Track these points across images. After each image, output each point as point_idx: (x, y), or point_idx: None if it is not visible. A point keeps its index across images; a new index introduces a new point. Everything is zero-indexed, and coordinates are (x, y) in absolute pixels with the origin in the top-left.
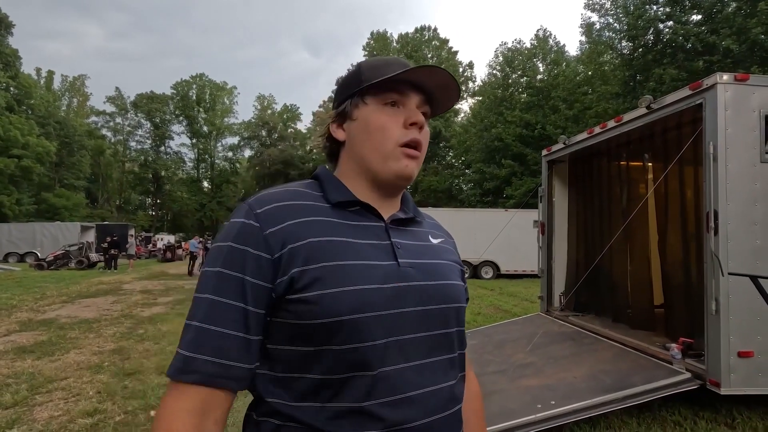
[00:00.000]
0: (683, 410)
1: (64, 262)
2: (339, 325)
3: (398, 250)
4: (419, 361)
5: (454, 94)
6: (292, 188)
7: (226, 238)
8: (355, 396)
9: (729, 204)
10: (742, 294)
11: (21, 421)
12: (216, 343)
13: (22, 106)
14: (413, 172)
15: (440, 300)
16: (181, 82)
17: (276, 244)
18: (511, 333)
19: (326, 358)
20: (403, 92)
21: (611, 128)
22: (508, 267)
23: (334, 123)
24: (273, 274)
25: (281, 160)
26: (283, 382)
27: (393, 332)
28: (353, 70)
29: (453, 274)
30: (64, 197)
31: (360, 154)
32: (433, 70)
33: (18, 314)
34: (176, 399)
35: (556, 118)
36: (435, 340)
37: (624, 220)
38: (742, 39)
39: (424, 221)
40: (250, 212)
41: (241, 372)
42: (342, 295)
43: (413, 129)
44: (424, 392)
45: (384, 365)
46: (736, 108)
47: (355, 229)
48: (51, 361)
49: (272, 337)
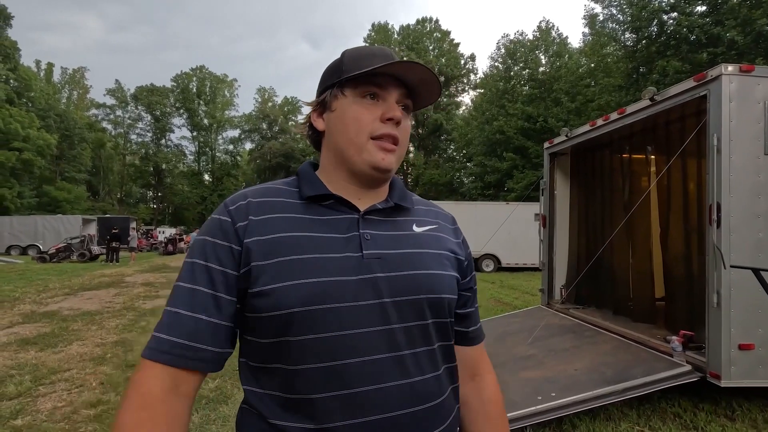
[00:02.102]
0: (683, 402)
1: (66, 255)
2: (291, 317)
3: (366, 241)
4: (382, 354)
5: (435, 90)
6: (269, 186)
7: (203, 233)
8: (307, 388)
9: (732, 196)
10: (743, 287)
11: (25, 412)
12: (187, 326)
13: (22, 98)
14: (391, 164)
15: (412, 291)
16: (181, 74)
17: (243, 236)
18: (512, 326)
19: (284, 349)
20: (383, 86)
21: (614, 120)
22: (509, 260)
23: (314, 112)
24: (238, 263)
25: (282, 153)
26: (254, 371)
27: (350, 325)
28: (337, 59)
29: (435, 263)
30: (65, 190)
31: (337, 145)
32: (413, 66)
33: (21, 306)
34: (147, 374)
35: (558, 111)
36: (405, 333)
37: (626, 213)
38: (747, 30)
39: (413, 208)
40: (224, 209)
41: (209, 354)
42: (294, 288)
43: (389, 124)
44: (385, 386)
45: (336, 358)
46: (740, 99)
47: (322, 223)
48: (54, 352)
49: (244, 329)
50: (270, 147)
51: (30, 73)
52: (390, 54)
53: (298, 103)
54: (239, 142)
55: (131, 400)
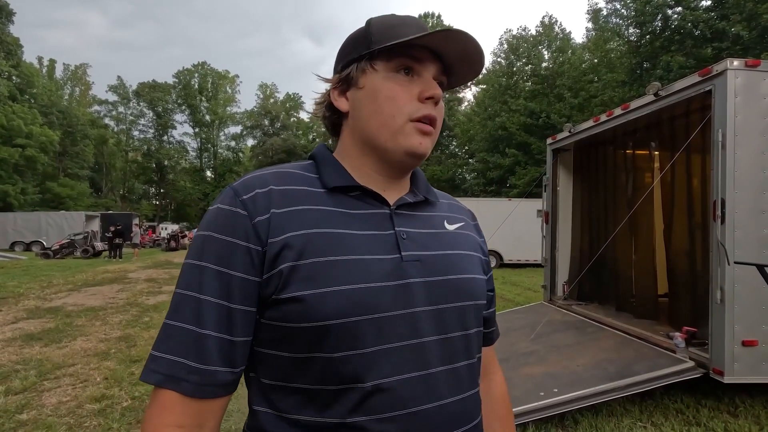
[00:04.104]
0: (686, 398)
1: (70, 251)
2: (326, 330)
3: (403, 240)
4: (427, 370)
5: (476, 65)
6: (283, 170)
7: (210, 227)
8: (344, 411)
9: (737, 192)
10: (747, 283)
11: (30, 406)
12: (203, 346)
13: (25, 95)
14: (427, 149)
15: (455, 298)
16: (183, 70)
17: (265, 234)
18: (514, 322)
19: (315, 366)
20: (420, 59)
21: (618, 116)
22: (511, 256)
23: (335, 90)
24: (261, 268)
25: (284, 150)
26: (270, 390)
27: (392, 338)
28: (362, 28)
29: (472, 266)
30: (68, 186)
31: (365, 128)
32: (456, 35)
33: (25, 302)
34: (163, 412)
35: (561, 107)
36: (449, 345)
37: (629, 209)
38: (753, 25)
39: (438, 202)
40: (234, 198)
41: (229, 377)
42: (330, 296)
43: (428, 103)
44: (432, 407)
45: (379, 377)
46: (746, 94)
47: (354, 218)
48: (58, 348)
49: (259, 340)
50: (272, 143)
51: (32, 69)
52: (423, 24)
53: (300, 100)
54: (241, 138)
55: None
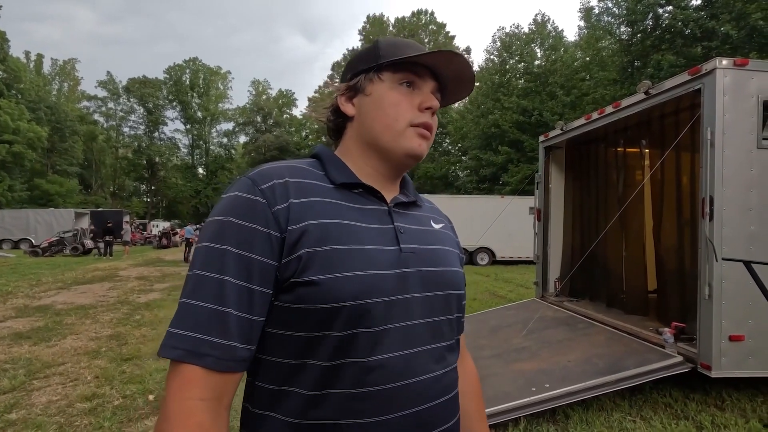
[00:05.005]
0: (674, 392)
1: (59, 249)
2: (339, 311)
3: (401, 234)
4: (418, 348)
5: (467, 87)
6: (294, 165)
7: (229, 213)
8: (349, 383)
9: (725, 190)
10: (735, 279)
11: (20, 406)
12: (225, 323)
13: (12, 90)
14: (425, 151)
15: (443, 286)
16: (174, 66)
17: (285, 222)
18: (506, 318)
19: (324, 344)
20: (421, 75)
21: (609, 114)
22: (503, 253)
23: (343, 96)
24: (280, 253)
25: (277, 146)
26: (279, 368)
27: (394, 319)
28: (370, 45)
29: (454, 260)
30: (57, 183)
31: (370, 130)
32: (453, 57)
33: (14, 300)
34: (186, 386)
35: (554, 105)
36: (436, 327)
37: (620, 206)
38: (742, 25)
39: (423, 205)
40: (253, 187)
41: (247, 353)
42: (347, 280)
43: (427, 113)
44: (423, 379)
45: (382, 352)
46: (734, 93)
47: (360, 212)
48: (48, 346)
49: (271, 321)
50: (264, 140)
51: (19, 64)
52: (424, 48)
53: (293, 96)
54: (233, 135)
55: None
